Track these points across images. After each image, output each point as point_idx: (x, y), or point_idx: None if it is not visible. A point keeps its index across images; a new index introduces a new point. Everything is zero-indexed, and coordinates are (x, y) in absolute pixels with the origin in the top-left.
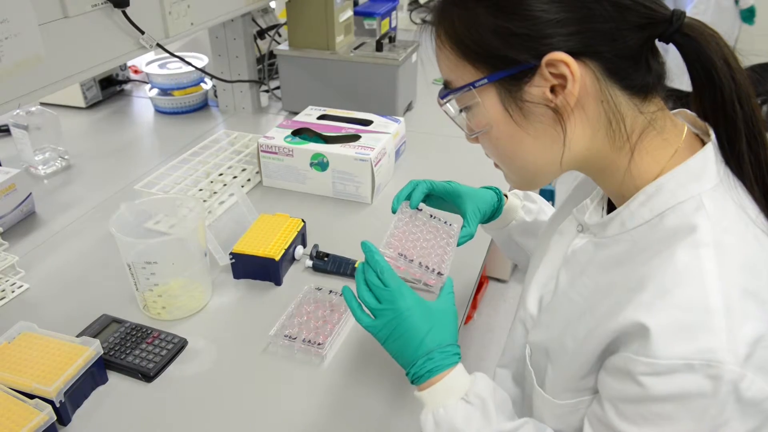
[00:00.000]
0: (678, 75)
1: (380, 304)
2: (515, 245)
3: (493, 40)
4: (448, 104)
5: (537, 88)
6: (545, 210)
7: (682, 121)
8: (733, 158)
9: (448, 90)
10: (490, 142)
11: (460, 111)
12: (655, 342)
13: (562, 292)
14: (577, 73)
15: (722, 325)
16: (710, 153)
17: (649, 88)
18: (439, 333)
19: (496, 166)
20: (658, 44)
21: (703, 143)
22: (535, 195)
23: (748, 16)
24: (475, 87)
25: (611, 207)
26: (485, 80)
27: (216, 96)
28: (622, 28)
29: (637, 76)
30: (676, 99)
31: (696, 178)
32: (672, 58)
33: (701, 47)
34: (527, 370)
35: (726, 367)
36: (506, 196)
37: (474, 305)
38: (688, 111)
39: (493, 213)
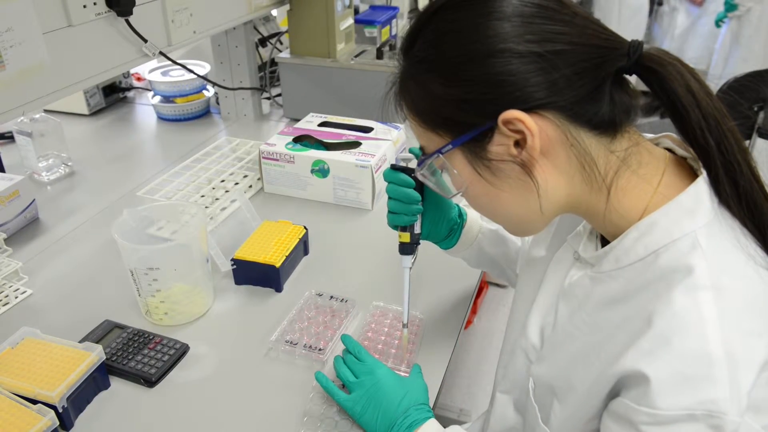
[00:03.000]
0: None
1: (358, 378)
2: (487, 258)
3: (448, 109)
4: (424, 171)
5: (500, 146)
6: None
7: (665, 147)
8: (714, 188)
9: (422, 158)
10: (470, 199)
11: (441, 173)
12: (655, 392)
13: (562, 326)
14: (534, 128)
15: (725, 376)
16: (703, 186)
17: (617, 124)
18: (414, 395)
19: None
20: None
21: (691, 167)
22: None
23: (730, 7)
24: (442, 153)
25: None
26: (450, 146)
27: (218, 103)
28: (575, 74)
29: (601, 114)
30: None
31: (690, 213)
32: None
33: (662, 77)
34: (530, 404)
35: (729, 418)
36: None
37: (474, 310)
38: (674, 135)
39: (451, 230)
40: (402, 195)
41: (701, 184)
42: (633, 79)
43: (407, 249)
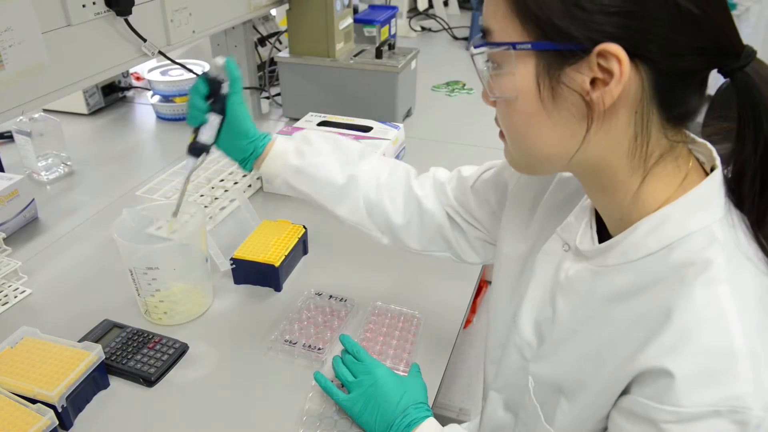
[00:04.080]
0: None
1: (356, 378)
2: (295, 191)
3: (557, 6)
4: (478, 56)
5: (579, 75)
6: (322, 150)
7: (689, 146)
8: (754, 209)
9: (484, 41)
10: (507, 112)
11: (489, 66)
12: (680, 389)
13: (564, 323)
14: (626, 74)
15: (748, 370)
16: (717, 181)
17: (686, 117)
18: (413, 394)
19: (501, 136)
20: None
21: (699, 162)
22: (313, 137)
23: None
24: (515, 49)
25: (599, 225)
26: (529, 45)
27: None
28: (691, 46)
29: (680, 101)
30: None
31: (704, 207)
32: None
33: (760, 94)
34: (530, 403)
35: (753, 413)
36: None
37: (473, 309)
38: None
39: (244, 159)
40: (193, 99)
41: (716, 179)
42: None
43: (190, 150)
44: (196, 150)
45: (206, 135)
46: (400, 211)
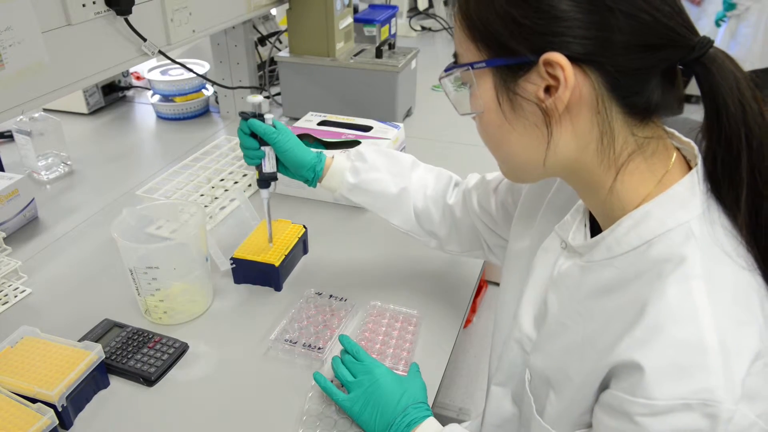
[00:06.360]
0: None
1: (356, 378)
2: (353, 203)
3: (499, 25)
4: (447, 78)
5: (531, 85)
6: (377, 166)
7: (672, 143)
8: (729, 203)
9: (451, 64)
10: (480, 126)
11: (461, 86)
12: (651, 382)
13: (554, 317)
14: (570, 80)
15: (719, 364)
16: (695, 179)
17: (650, 112)
18: (413, 394)
19: None
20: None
21: (685, 159)
22: (368, 154)
23: (729, 6)
24: (473, 68)
25: (593, 223)
26: (483, 64)
27: (217, 102)
28: (634, 45)
29: (640, 97)
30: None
31: (683, 204)
32: None
33: (717, 85)
34: (527, 395)
35: (723, 406)
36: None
37: (473, 309)
38: (666, 127)
39: (308, 179)
40: (243, 141)
41: (695, 176)
42: None
43: (259, 184)
44: (266, 182)
45: (268, 166)
46: (441, 222)
